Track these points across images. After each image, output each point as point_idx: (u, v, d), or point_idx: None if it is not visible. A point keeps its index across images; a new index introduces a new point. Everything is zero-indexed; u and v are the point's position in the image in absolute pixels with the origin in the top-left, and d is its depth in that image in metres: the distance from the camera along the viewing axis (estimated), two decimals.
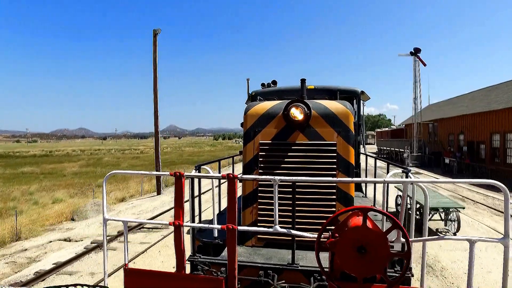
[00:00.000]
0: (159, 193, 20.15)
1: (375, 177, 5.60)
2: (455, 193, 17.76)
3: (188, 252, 3.63)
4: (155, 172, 4.22)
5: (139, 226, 11.82)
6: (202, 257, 3.81)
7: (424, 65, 32.06)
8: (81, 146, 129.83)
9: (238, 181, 3.11)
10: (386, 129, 61.25)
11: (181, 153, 76.16)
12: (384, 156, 45.63)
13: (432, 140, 34.75)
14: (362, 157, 7.37)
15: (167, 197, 19.22)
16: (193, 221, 4.07)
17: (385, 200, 3.83)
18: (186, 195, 3.56)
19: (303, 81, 4.61)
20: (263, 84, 7.46)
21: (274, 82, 7.49)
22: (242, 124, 4.66)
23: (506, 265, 2.58)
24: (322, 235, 2.76)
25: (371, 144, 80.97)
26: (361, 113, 6.92)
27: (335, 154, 4.06)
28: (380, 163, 5.31)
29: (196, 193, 4.21)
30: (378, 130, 67.04)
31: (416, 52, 32.13)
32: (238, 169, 5.41)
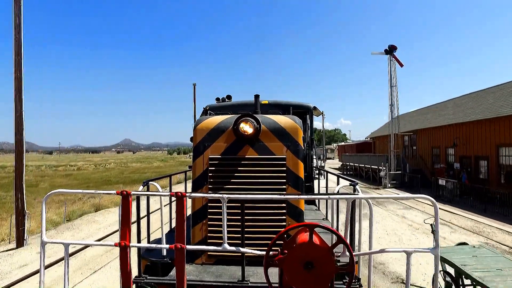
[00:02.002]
0: (20, 244, 12.07)
1: (326, 190, 6.01)
2: (480, 234, 11.84)
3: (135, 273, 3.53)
4: (100, 191, 3.42)
5: None
6: (148, 277, 3.66)
7: (401, 65, 27.12)
8: (10, 162, 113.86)
9: (188, 198, 3.09)
10: (344, 143, 57.16)
11: (124, 170, 66.98)
12: (350, 173, 40.46)
13: (409, 155, 29.66)
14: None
15: (30, 255, 11.29)
16: (138, 240, 3.78)
17: (336, 214, 4.31)
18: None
19: (256, 96, 4.88)
20: (217, 99, 7.30)
21: (229, 97, 7.32)
22: (191, 139, 4.64)
23: (437, 272, 2.81)
24: (271, 251, 2.81)
25: (331, 158, 77.49)
26: (314, 127, 7.29)
27: (285, 168, 4.09)
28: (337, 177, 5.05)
29: (145, 212, 4.21)
30: (341, 144, 62.93)
31: (391, 50, 27.15)
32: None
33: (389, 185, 25.82)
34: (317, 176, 6.98)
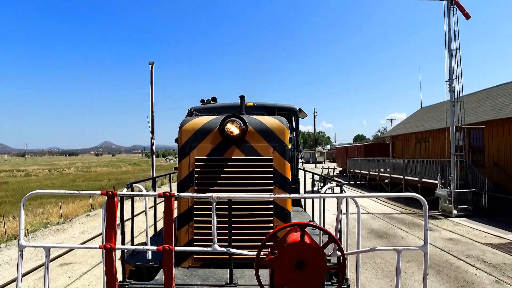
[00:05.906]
0: None
1: (312, 191, 6.07)
2: None
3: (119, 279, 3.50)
4: (83, 192, 3.27)
5: None
6: (133, 282, 3.61)
7: (468, 17, 16.87)
8: None
9: (174, 200, 2.98)
10: (329, 146, 47.45)
11: (81, 176, 55.51)
12: (363, 183, 30.22)
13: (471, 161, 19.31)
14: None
15: None
16: (123, 243, 3.72)
17: (323, 214, 4.04)
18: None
19: (242, 98, 4.80)
20: (202, 101, 7.28)
21: (214, 99, 7.25)
22: (177, 140, 4.54)
23: (426, 268, 2.79)
24: (261, 252, 2.79)
25: (321, 162, 68.14)
26: (299, 129, 7.16)
27: (272, 169, 4.06)
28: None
29: (128, 215, 4.09)
30: (339, 145, 53.37)
31: None
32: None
33: (455, 211, 15.42)
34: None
